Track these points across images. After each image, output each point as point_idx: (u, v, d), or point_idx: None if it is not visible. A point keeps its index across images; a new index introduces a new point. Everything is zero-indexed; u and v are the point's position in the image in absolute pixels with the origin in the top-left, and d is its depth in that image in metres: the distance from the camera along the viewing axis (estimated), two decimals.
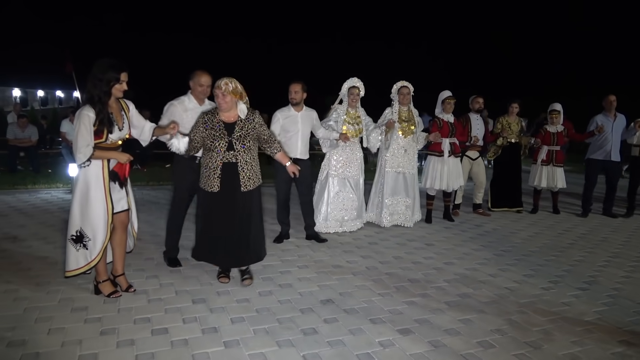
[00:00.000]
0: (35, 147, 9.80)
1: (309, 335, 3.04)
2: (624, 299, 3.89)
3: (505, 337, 3.11)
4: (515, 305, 3.65)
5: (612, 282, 4.28)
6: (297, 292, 3.75)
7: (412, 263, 4.58)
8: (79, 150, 3.14)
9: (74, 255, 3.33)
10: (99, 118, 3.17)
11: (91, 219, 3.28)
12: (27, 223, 5.54)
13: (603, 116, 6.66)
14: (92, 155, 3.17)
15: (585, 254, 5.12)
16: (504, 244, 5.38)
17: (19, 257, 4.32)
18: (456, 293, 3.86)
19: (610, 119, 6.60)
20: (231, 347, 2.85)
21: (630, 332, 3.27)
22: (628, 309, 3.67)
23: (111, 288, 3.50)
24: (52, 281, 3.76)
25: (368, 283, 3.99)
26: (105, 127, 3.20)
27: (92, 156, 3.17)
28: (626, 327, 3.36)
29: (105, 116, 3.20)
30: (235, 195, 3.58)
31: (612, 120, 6.60)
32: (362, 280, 4.05)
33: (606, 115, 6.65)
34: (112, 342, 2.84)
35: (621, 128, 6.67)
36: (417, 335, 3.10)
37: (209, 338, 2.95)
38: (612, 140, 6.57)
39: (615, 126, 6.59)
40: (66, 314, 3.20)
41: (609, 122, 6.59)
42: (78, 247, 3.32)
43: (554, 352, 2.94)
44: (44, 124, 12.44)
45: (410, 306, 3.55)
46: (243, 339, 2.95)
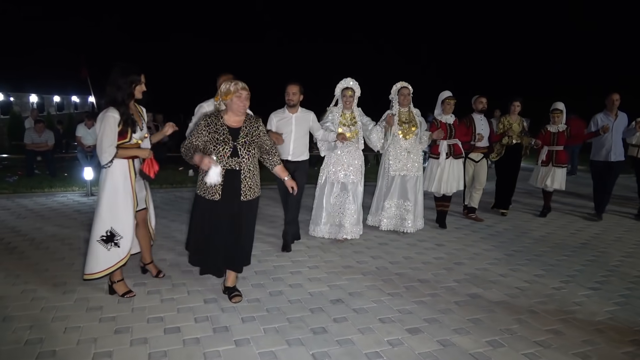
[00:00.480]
0: (51, 152, 9.97)
1: (319, 334, 3.08)
2: (637, 298, 3.86)
3: (515, 337, 3.11)
4: (526, 305, 3.64)
5: (625, 282, 4.24)
6: (307, 292, 3.79)
7: (422, 263, 4.59)
8: (104, 151, 3.26)
9: (104, 255, 3.42)
10: (123, 119, 3.31)
11: (121, 217, 3.41)
12: (44, 225, 5.66)
13: (604, 115, 6.51)
14: (115, 155, 3.31)
15: (598, 253, 5.08)
16: (515, 244, 5.35)
17: (37, 258, 4.42)
18: (466, 293, 3.86)
19: (612, 118, 6.44)
20: (242, 346, 2.89)
21: None
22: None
23: (125, 288, 3.58)
24: (69, 282, 3.85)
25: (378, 283, 4.02)
26: (129, 127, 3.36)
27: (116, 155, 3.31)
28: (638, 326, 3.33)
29: (129, 117, 3.35)
30: (233, 204, 3.38)
31: (613, 120, 6.43)
32: (372, 281, 4.07)
33: (607, 114, 6.49)
34: (126, 341, 2.91)
35: (622, 127, 6.50)
36: (426, 334, 3.11)
37: (220, 337, 3.00)
38: (612, 140, 6.42)
39: (616, 125, 6.42)
40: (81, 313, 3.28)
41: (609, 121, 6.41)
42: (109, 247, 3.42)
43: (565, 351, 2.94)
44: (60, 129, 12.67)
45: (420, 306, 3.57)
46: (253, 337, 3.00)
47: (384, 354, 2.84)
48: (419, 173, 5.59)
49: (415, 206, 5.61)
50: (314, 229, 5.37)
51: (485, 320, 3.36)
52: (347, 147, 5.19)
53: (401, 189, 5.58)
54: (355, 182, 5.25)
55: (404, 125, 5.51)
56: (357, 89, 5.22)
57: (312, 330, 3.12)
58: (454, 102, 5.81)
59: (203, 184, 3.34)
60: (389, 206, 5.62)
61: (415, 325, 3.24)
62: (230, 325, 3.16)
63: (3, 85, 16.78)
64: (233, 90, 3.27)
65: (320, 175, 5.33)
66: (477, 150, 6.35)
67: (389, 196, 5.58)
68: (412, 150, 5.54)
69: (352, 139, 5.20)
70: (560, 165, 6.63)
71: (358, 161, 5.26)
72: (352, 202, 5.22)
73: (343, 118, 5.22)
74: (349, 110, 5.24)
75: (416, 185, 5.58)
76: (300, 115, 4.82)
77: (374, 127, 5.43)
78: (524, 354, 2.90)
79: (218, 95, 3.40)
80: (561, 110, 6.58)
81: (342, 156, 5.20)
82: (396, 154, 5.52)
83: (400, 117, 5.53)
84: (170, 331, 3.05)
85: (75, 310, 3.33)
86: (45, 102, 20.12)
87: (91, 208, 6.68)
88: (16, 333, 2.97)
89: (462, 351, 2.90)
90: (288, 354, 2.82)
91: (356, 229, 5.31)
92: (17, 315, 3.23)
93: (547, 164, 6.68)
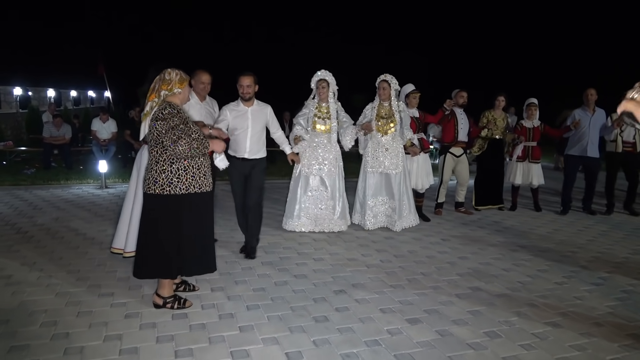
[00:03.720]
0: (68, 145, 10.22)
1: (320, 322, 3.17)
2: (639, 294, 3.88)
3: (513, 328, 3.17)
4: (526, 299, 3.69)
5: (629, 278, 4.25)
6: (311, 282, 3.89)
7: (426, 257, 4.66)
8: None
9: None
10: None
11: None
12: (60, 216, 5.84)
13: (582, 110, 6.47)
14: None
15: (604, 250, 5.09)
16: (521, 239, 5.38)
17: (52, 247, 4.59)
18: (467, 286, 3.92)
19: (589, 114, 6.40)
20: (246, 332, 3.00)
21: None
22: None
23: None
24: (82, 269, 4.02)
25: (381, 275, 4.10)
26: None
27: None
28: (637, 322, 3.36)
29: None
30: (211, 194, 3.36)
31: (591, 115, 6.39)
32: (375, 273, 4.16)
33: (585, 109, 6.46)
34: (135, 325, 3.04)
35: (600, 123, 6.44)
36: (425, 324, 3.19)
37: (225, 323, 3.12)
38: (589, 136, 6.37)
39: (593, 121, 6.38)
40: (94, 298, 3.43)
41: (587, 117, 6.38)
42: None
43: (561, 343, 2.99)
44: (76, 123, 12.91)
45: (421, 297, 3.64)
46: (257, 324, 3.11)
47: (382, 342, 2.93)
48: (397, 170, 5.38)
49: (400, 204, 5.47)
50: (287, 223, 5.37)
51: (485, 312, 3.42)
52: (321, 141, 5.20)
53: (387, 187, 5.49)
54: (332, 176, 5.23)
55: (382, 121, 5.38)
56: (331, 81, 5.21)
57: (314, 319, 3.22)
58: (419, 95, 5.76)
59: (196, 177, 3.15)
60: (374, 204, 5.51)
61: (415, 315, 3.32)
62: (235, 313, 3.27)
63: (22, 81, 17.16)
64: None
65: (296, 167, 5.30)
66: (458, 145, 6.28)
67: (372, 194, 5.48)
68: (391, 147, 5.37)
69: (326, 133, 5.19)
70: (536, 161, 6.69)
71: (333, 155, 5.25)
72: (329, 197, 5.24)
73: (318, 111, 5.22)
74: (325, 102, 5.23)
75: (400, 183, 5.44)
76: (256, 108, 4.46)
77: (349, 126, 5.34)
78: (520, 344, 2.96)
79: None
80: (537, 105, 6.61)
81: (316, 149, 5.21)
82: (374, 151, 5.40)
83: (379, 112, 5.41)
84: (178, 317, 3.17)
85: (88, 296, 3.48)
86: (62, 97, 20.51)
87: (105, 200, 6.86)
88: (32, 316, 3.12)
89: (460, 341, 2.98)
90: (290, 340, 2.92)
91: (338, 223, 5.30)
92: (34, 300, 3.38)
93: (523, 159, 6.69)
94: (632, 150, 6.66)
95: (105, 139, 10.05)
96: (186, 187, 3.11)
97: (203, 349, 2.78)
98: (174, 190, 3.08)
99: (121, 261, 4.10)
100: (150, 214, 3.16)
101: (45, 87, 18.67)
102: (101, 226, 5.42)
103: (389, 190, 5.47)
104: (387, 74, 5.41)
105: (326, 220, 5.29)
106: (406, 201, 5.55)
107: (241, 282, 3.85)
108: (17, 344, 2.76)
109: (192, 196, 3.15)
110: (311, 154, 5.22)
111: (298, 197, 5.27)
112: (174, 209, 3.12)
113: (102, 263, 4.19)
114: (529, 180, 6.73)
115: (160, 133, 3.02)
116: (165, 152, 3.05)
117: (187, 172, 3.11)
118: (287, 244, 4.92)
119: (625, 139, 6.65)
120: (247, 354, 2.74)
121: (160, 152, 3.08)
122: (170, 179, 3.07)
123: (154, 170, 3.10)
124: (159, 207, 3.12)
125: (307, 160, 5.23)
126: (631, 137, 6.63)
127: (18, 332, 2.90)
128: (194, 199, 3.17)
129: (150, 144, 3.15)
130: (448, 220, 6.21)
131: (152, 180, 3.09)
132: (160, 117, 3.04)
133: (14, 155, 10.78)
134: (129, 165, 9.68)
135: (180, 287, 3.56)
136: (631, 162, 6.70)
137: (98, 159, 8.63)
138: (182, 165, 3.10)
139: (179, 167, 3.09)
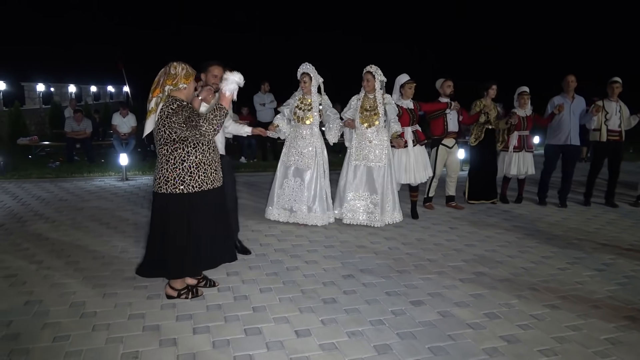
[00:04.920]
0: (89, 139, 10.57)
1: (329, 304, 3.37)
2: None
3: (512, 310, 3.33)
4: (528, 283, 3.83)
5: (632, 264, 4.35)
6: (321, 267, 4.09)
7: (434, 245, 4.81)
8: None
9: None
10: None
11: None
12: (84, 206, 6.14)
13: (561, 97, 6.42)
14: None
15: (610, 238, 5.17)
16: (528, 228, 5.49)
17: (78, 235, 4.88)
18: (472, 271, 4.07)
19: (569, 101, 6.34)
20: (259, 312, 3.22)
21: (638, 310, 3.40)
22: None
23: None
24: (106, 256, 4.28)
25: (389, 261, 4.27)
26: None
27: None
28: (635, 304, 3.48)
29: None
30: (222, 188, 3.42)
31: (570, 102, 6.34)
32: (383, 259, 4.33)
33: (564, 96, 6.40)
34: (157, 305, 3.28)
35: (579, 110, 6.38)
36: (428, 306, 3.36)
37: (239, 304, 3.33)
38: (570, 123, 6.31)
39: (573, 108, 6.32)
40: (118, 282, 3.69)
41: (566, 104, 6.31)
42: None
43: (557, 324, 3.14)
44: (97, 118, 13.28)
45: (426, 282, 3.81)
46: (269, 305, 3.32)
47: (386, 322, 3.11)
48: (381, 163, 5.31)
49: (383, 199, 5.36)
50: (266, 211, 5.46)
51: (487, 295, 3.58)
52: (300, 133, 5.26)
53: (368, 181, 5.37)
54: (310, 168, 5.24)
55: (365, 113, 5.36)
56: (313, 75, 5.20)
57: (323, 300, 3.42)
58: (414, 86, 5.63)
59: (208, 173, 3.19)
60: (352, 198, 5.42)
61: (419, 298, 3.49)
62: (249, 295, 3.49)
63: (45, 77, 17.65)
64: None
65: (281, 157, 5.42)
66: (450, 136, 6.17)
67: (353, 187, 5.42)
68: (375, 140, 5.31)
69: (305, 123, 5.23)
70: (530, 150, 6.65)
71: (313, 148, 5.25)
72: (305, 189, 5.24)
73: (301, 103, 5.27)
74: (308, 95, 5.26)
75: (384, 177, 5.34)
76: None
77: (335, 120, 5.37)
78: (518, 324, 3.11)
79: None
80: (529, 94, 6.50)
81: (296, 140, 5.29)
82: (359, 143, 5.38)
83: (364, 104, 5.38)
84: (196, 298, 3.40)
85: (112, 279, 3.74)
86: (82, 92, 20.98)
87: (126, 192, 7.15)
88: (63, 297, 3.38)
89: (460, 321, 3.14)
90: (299, 319, 3.12)
91: (314, 216, 5.27)
92: (63, 282, 3.65)
93: (520, 149, 6.56)
94: (619, 139, 6.50)
95: (126, 132, 10.38)
96: (199, 184, 3.12)
97: (219, 327, 3.00)
98: (187, 189, 3.09)
99: (142, 248, 4.35)
100: (163, 213, 3.16)
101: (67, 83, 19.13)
102: (123, 215, 5.70)
103: (371, 185, 5.36)
104: (373, 65, 5.30)
105: (300, 212, 5.28)
106: (390, 196, 5.43)
107: (255, 267, 4.07)
108: (50, 321, 3.02)
109: (205, 193, 3.17)
110: (291, 144, 5.32)
111: (275, 187, 5.38)
112: (187, 207, 3.13)
113: (125, 250, 4.45)
114: (523, 170, 6.61)
115: (180, 127, 3.00)
116: (175, 150, 3.06)
117: (199, 168, 3.12)
118: (299, 232, 5.11)
119: (611, 128, 6.46)
120: (260, 331, 2.95)
121: (171, 151, 3.07)
122: (183, 177, 3.08)
123: (164, 169, 3.09)
124: (172, 207, 3.12)
125: (287, 150, 5.34)
126: (617, 125, 6.45)
127: (50, 311, 3.16)
128: (208, 196, 3.20)
129: (159, 143, 3.12)
130: (457, 210, 6.32)
131: (164, 180, 3.09)
132: (172, 112, 3.00)
133: (39, 149, 11.19)
134: (148, 158, 10.00)
135: (202, 283, 3.57)
136: (617, 151, 6.58)
137: (119, 152, 8.95)
138: (194, 162, 3.10)
139: (191, 165, 3.09)
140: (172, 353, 2.70)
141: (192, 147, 3.11)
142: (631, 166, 9.85)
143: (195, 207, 3.15)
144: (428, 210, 6.26)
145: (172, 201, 3.11)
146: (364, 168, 5.38)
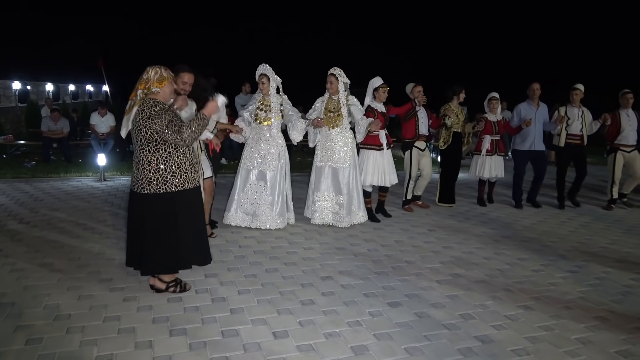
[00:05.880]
0: (67, 139, 10.39)
1: (307, 305, 3.38)
2: (611, 281, 4.09)
3: (487, 311, 3.39)
4: (503, 285, 3.91)
5: (604, 266, 4.47)
6: (300, 269, 4.10)
7: (412, 247, 4.87)
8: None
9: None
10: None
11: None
12: (60, 207, 6.03)
13: (527, 105, 6.64)
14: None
15: (584, 240, 5.30)
16: (505, 230, 5.59)
17: (54, 237, 4.79)
18: (449, 273, 4.14)
19: (534, 108, 6.59)
20: (236, 314, 3.21)
21: (608, 310, 3.50)
22: (612, 290, 3.89)
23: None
24: (82, 257, 4.22)
25: (367, 263, 4.31)
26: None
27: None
28: (605, 305, 3.58)
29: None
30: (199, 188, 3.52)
31: (535, 109, 6.58)
32: (362, 261, 4.37)
33: (530, 103, 6.63)
34: (133, 307, 3.25)
35: (543, 117, 6.63)
36: (405, 307, 3.40)
37: (217, 306, 3.32)
38: (535, 131, 6.54)
39: (537, 115, 6.56)
40: (94, 284, 3.63)
41: (532, 111, 6.56)
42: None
43: (530, 324, 3.21)
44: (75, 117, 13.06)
45: (403, 283, 3.85)
46: (247, 307, 3.32)
47: (363, 323, 3.14)
48: (345, 164, 5.34)
49: (349, 199, 5.40)
50: (226, 216, 5.34)
51: (462, 296, 3.64)
52: (262, 135, 5.21)
53: (334, 182, 5.39)
54: (274, 171, 5.18)
55: (329, 114, 5.38)
56: (271, 75, 5.18)
57: (301, 302, 3.43)
58: (387, 89, 5.69)
59: (189, 171, 3.27)
60: (318, 199, 5.44)
61: (396, 299, 3.53)
62: (227, 297, 3.48)
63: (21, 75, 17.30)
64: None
65: (241, 161, 5.34)
66: (421, 139, 6.27)
67: (319, 189, 5.42)
68: (340, 141, 5.34)
69: (265, 124, 5.19)
70: (502, 154, 6.84)
71: (276, 150, 5.21)
72: (269, 193, 5.19)
73: (261, 104, 5.24)
74: (267, 96, 5.24)
75: (349, 178, 5.37)
76: (191, 105, 4.41)
77: (298, 120, 5.30)
78: (492, 325, 3.17)
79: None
80: (498, 99, 6.76)
81: (259, 142, 5.22)
82: (323, 144, 5.41)
83: (328, 105, 5.41)
84: (173, 300, 3.37)
85: (88, 281, 3.68)
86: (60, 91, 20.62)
87: (104, 192, 7.06)
88: (36, 299, 3.32)
89: (436, 322, 3.19)
90: (277, 320, 3.13)
91: (277, 220, 5.23)
92: (37, 284, 3.59)
93: (492, 153, 6.73)
94: (580, 142, 6.69)
95: (104, 132, 10.23)
96: (181, 183, 3.21)
97: (196, 329, 2.99)
98: (169, 188, 3.17)
99: (119, 249, 4.31)
100: (147, 214, 3.20)
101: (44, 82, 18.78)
102: (101, 216, 5.62)
103: (337, 186, 5.37)
104: (336, 67, 5.37)
105: (263, 216, 5.21)
106: (356, 197, 5.48)
107: (234, 269, 4.06)
108: (23, 324, 2.97)
109: (186, 192, 3.25)
110: (253, 146, 5.24)
111: (236, 192, 5.29)
112: (170, 206, 3.20)
113: (102, 251, 4.39)
114: (494, 173, 6.78)
115: (162, 130, 3.06)
116: (157, 151, 3.12)
117: (180, 168, 3.20)
118: (279, 234, 5.12)
119: (572, 132, 6.64)
120: (237, 333, 2.95)
121: (153, 152, 3.12)
122: (165, 177, 3.15)
123: (146, 170, 3.14)
124: (157, 206, 3.18)
125: (249, 153, 5.25)
126: (578, 130, 6.63)
127: (23, 313, 3.11)
128: (188, 195, 3.27)
129: (139, 143, 3.14)
130: (436, 212, 6.42)
131: (146, 181, 3.14)
132: (154, 115, 3.06)
133: (14, 149, 10.96)
134: (126, 159, 9.87)
135: (171, 286, 3.47)
136: (580, 155, 6.78)
137: (97, 152, 8.82)
138: (175, 162, 3.18)
139: (172, 164, 3.17)
140: (148, 355, 2.67)
141: (173, 147, 3.19)
142: (603, 171, 10.08)
143: (179, 205, 3.25)
144: (407, 212, 6.33)
145: (157, 201, 3.18)
146: (329, 169, 5.40)
